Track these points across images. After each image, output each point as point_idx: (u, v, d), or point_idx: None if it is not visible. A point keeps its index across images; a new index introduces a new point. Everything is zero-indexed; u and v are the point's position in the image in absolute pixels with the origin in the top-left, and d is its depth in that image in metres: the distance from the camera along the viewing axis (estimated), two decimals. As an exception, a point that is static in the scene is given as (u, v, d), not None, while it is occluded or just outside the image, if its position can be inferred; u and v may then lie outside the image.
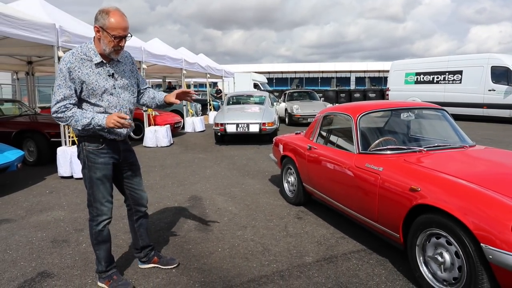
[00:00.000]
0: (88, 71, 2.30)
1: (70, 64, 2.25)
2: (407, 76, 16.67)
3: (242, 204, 4.43)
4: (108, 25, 2.22)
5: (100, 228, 2.49)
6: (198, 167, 6.61)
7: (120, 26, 2.24)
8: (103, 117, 2.27)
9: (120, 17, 2.25)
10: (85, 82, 2.29)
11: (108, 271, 2.58)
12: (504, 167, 2.82)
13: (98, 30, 2.26)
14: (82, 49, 2.33)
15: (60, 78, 2.25)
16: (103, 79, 2.35)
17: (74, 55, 2.28)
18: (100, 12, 2.26)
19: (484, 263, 2.03)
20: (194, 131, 12.05)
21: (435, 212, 2.31)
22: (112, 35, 2.24)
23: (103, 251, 2.54)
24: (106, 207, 2.49)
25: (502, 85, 13.55)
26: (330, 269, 2.80)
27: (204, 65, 14.68)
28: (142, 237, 2.83)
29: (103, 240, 2.52)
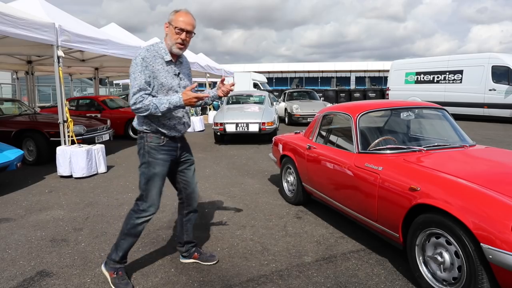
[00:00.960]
0: (159, 67, 2.47)
1: (146, 58, 2.43)
2: (407, 76, 16.65)
3: (242, 203, 4.42)
4: (173, 19, 2.46)
5: (139, 223, 2.55)
6: (197, 166, 6.51)
7: (184, 20, 2.46)
8: (178, 97, 2.40)
9: (185, 13, 2.49)
10: (157, 77, 2.45)
11: (118, 263, 2.61)
12: (504, 166, 2.81)
13: (167, 25, 2.50)
14: (154, 47, 2.51)
15: (136, 70, 2.40)
16: (170, 77, 2.52)
17: (148, 51, 2.47)
18: (170, 13, 2.51)
19: (484, 263, 2.02)
20: (194, 130, 12.04)
21: (434, 211, 2.30)
22: (175, 27, 2.44)
23: (128, 243, 2.59)
24: (155, 205, 2.56)
25: (503, 85, 13.53)
26: (329, 268, 2.79)
27: (203, 64, 14.67)
28: (188, 232, 2.89)
29: (134, 234, 2.58)
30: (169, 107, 2.40)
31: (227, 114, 9.19)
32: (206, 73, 15.30)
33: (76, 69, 12.63)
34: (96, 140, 7.19)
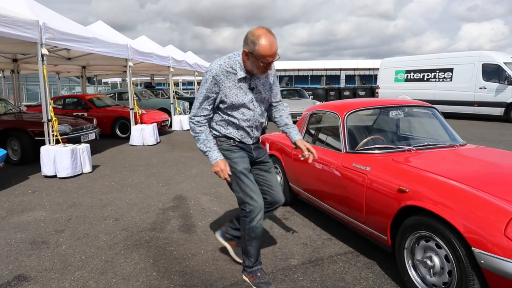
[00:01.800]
0: (230, 84, 2.34)
1: (217, 76, 2.31)
2: (397, 74, 16.66)
3: (227, 204, 4.32)
4: (257, 53, 2.18)
5: (254, 224, 2.42)
6: (184, 166, 6.48)
7: (269, 54, 2.19)
8: (216, 158, 2.37)
9: (269, 44, 2.17)
10: (227, 95, 2.34)
11: (254, 266, 2.54)
12: (495, 167, 2.75)
13: (247, 54, 2.25)
14: (230, 61, 2.34)
15: (204, 86, 2.35)
16: (243, 93, 2.38)
17: (221, 67, 2.32)
18: (249, 36, 2.21)
19: (475, 267, 1.94)
20: (182, 129, 11.90)
21: (424, 214, 2.22)
22: (261, 61, 2.21)
23: (253, 247, 2.49)
24: (256, 200, 2.41)
25: (493, 83, 13.54)
26: (315, 272, 2.71)
27: (192, 62, 14.53)
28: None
29: (256, 237, 2.46)
30: (205, 153, 2.41)
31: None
32: (194, 72, 15.15)
33: (63, 67, 12.40)
34: (82, 140, 7.04)
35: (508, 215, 1.88)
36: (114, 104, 11.20)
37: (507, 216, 1.88)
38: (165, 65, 11.68)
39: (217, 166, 2.37)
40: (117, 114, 10.17)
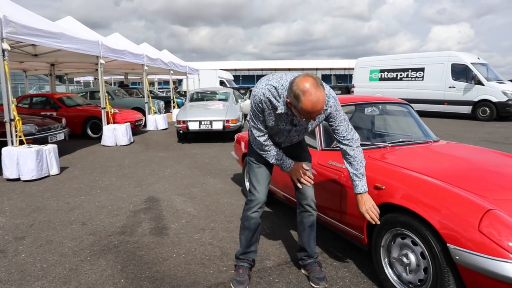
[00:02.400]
0: (271, 112, 2.20)
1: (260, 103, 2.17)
2: (371, 73, 16.90)
3: (202, 204, 4.20)
4: (299, 109, 1.98)
5: (249, 214, 2.43)
6: (158, 166, 6.30)
7: (313, 112, 1.96)
8: (289, 166, 2.38)
9: (314, 103, 1.92)
10: (266, 119, 2.24)
11: (240, 259, 2.54)
12: (468, 162, 2.75)
13: (290, 103, 2.04)
14: (275, 91, 2.14)
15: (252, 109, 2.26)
16: (282, 123, 2.25)
17: (264, 96, 2.15)
18: (294, 87, 1.96)
19: (451, 264, 1.91)
20: (157, 129, 11.64)
21: (400, 211, 2.18)
22: (303, 116, 2.03)
23: (244, 237, 2.50)
24: (258, 191, 2.42)
25: (462, 82, 14.00)
26: (291, 273, 2.63)
27: (167, 61, 14.23)
28: (301, 236, 2.59)
29: (248, 227, 2.46)
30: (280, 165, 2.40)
31: (190, 112, 8.90)
32: (169, 70, 14.88)
33: (29, 64, 11.89)
34: (50, 140, 6.73)
35: (482, 210, 1.86)
36: (85, 103, 10.83)
37: (481, 211, 1.86)
38: (139, 63, 11.39)
39: (294, 172, 2.39)
40: (88, 114, 9.83)
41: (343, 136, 2.22)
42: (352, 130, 2.23)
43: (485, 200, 1.99)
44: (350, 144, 2.21)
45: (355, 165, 2.21)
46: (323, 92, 1.94)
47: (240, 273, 2.49)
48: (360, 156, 2.22)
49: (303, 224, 2.53)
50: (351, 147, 2.22)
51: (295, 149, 2.52)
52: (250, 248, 2.54)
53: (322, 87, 1.95)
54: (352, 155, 2.21)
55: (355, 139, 2.23)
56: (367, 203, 2.22)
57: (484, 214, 1.84)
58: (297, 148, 2.53)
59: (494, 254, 1.73)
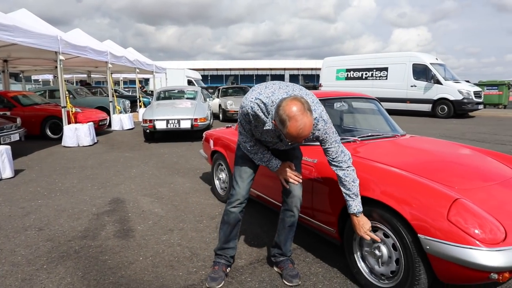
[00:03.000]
0: (258, 124, 2.14)
1: (247, 116, 2.12)
2: (338, 72, 17.20)
3: (170, 205, 4.06)
4: (284, 134, 1.92)
5: (229, 208, 2.42)
6: (123, 166, 6.07)
7: (298, 137, 1.89)
8: (276, 166, 2.30)
9: (299, 130, 1.83)
10: (253, 131, 2.21)
11: (218, 255, 2.51)
12: (434, 154, 2.79)
13: (276, 125, 1.96)
14: (264, 107, 2.04)
15: (240, 118, 2.21)
16: (269, 136, 2.20)
17: (253, 110, 2.07)
18: (281, 111, 1.86)
19: (421, 254, 1.92)
20: (122, 129, 11.29)
21: (371, 203, 2.16)
22: (287, 140, 1.99)
23: (223, 232, 2.48)
24: (240, 187, 2.40)
25: (422, 81, 14.57)
26: (264, 271, 2.57)
27: (132, 59, 13.82)
28: (279, 233, 2.52)
29: (227, 222, 2.44)
30: (263, 163, 2.34)
31: (157, 111, 8.67)
32: (135, 68, 14.47)
33: (-21, 61, 11.17)
34: (2, 141, 6.32)
35: (450, 199, 1.89)
36: (43, 102, 10.31)
37: (449, 201, 1.88)
38: (102, 60, 10.96)
39: (281, 172, 2.30)
40: (47, 113, 9.35)
41: (333, 157, 2.13)
42: (343, 152, 2.13)
43: (452, 190, 2.02)
44: (340, 165, 2.12)
45: (347, 185, 2.11)
46: (310, 118, 1.85)
47: (215, 270, 2.44)
48: (351, 176, 2.11)
49: (283, 223, 2.47)
50: (341, 168, 2.12)
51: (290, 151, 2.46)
52: (229, 244, 2.49)
53: (310, 112, 1.87)
54: (342, 176, 2.11)
55: (345, 160, 2.12)
56: (365, 226, 2.10)
57: (452, 204, 1.86)
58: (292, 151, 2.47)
59: (462, 241, 1.76)
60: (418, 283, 1.94)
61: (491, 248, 1.71)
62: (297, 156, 2.49)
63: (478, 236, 1.74)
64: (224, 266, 2.47)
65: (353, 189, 2.10)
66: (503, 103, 18.31)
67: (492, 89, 18.37)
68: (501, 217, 1.87)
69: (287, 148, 2.41)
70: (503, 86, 18.26)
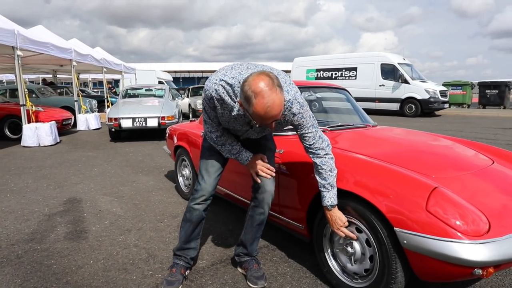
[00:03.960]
0: (224, 112, 1.90)
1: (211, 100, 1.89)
2: (308, 73, 17.23)
3: (130, 203, 3.77)
4: (251, 113, 1.70)
5: (192, 205, 2.18)
6: (85, 166, 5.70)
7: (265, 121, 1.69)
8: (247, 158, 2.10)
9: (265, 110, 1.62)
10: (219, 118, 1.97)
11: (177, 256, 2.27)
12: (407, 144, 2.66)
13: (241, 105, 1.74)
14: (230, 88, 1.81)
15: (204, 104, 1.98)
16: (238, 124, 1.97)
17: (217, 93, 1.83)
18: (246, 87, 1.65)
19: (398, 249, 1.74)
20: (88, 129, 10.79)
21: (343, 196, 1.98)
22: (255, 121, 1.74)
23: (184, 230, 2.24)
24: (205, 181, 2.16)
25: (390, 81, 14.81)
26: (227, 273, 2.34)
27: (99, 58, 13.30)
28: (246, 231, 2.30)
29: (190, 219, 2.20)
30: (236, 157, 2.12)
31: (123, 109, 8.28)
32: (102, 68, 13.93)
33: None
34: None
35: (428, 188, 1.72)
36: (2, 101, 9.73)
37: (427, 190, 1.72)
38: (66, 58, 10.44)
39: (252, 166, 2.09)
40: (5, 112, 8.79)
41: (310, 144, 1.93)
42: (321, 138, 1.94)
43: (429, 179, 1.87)
44: (317, 153, 1.93)
45: (323, 174, 1.91)
46: (279, 95, 1.63)
47: (172, 272, 2.19)
48: (329, 165, 1.92)
49: (252, 220, 2.24)
50: (318, 155, 1.93)
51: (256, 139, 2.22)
52: (190, 244, 2.25)
53: (280, 88, 1.64)
54: (320, 164, 1.92)
55: (324, 147, 1.93)
56: (338, 221, 1.92)
57: (431, 193, 1.69)
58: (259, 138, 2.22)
59: (442, 234, 1.59)
60: (395, 282, 1.77)
61: (475, 241, 1.54)
62: (270, 148, 2.26)
63: (460, 228, 1.58)
64: (183, 268, 2.23)
65: (330, 179, 1.91)
66: (467, 102, 18.86)
67: (457, 89, 18.89)
68: (483, 207, 1.72)
69: (260, 138, 2.19)
70: (467, 86, 18.83)
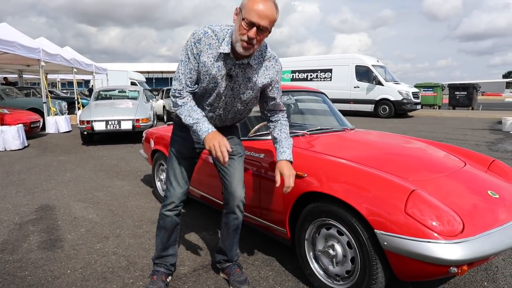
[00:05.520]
0: (207, 59, 1.86)
1: (199, 42, 1.85)
2: (283, 74, 17.33)
3: (106, 210, 3.69)
4: (245, 4, 1.71)
5: (163, 211, 2.16)
6: (56, 171, 5.53)
7: (257, 10, 1.69)
8: (207, 130, 1.87)
9: (263, 2, 1.69)
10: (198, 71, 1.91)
11: (156, 264, 2.24)
12: (387, 147, 2.72)
13: (236, 13, 1.77)
14: (219, 31, 1.85)
15: (183, 54, 1.91)
16: (216, 78, 1.89)
17: (206, 35, 1.84)
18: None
19: (378, 251, 1.79)
20: (58, 131, 10.46)
21: (324, 199, 2.02)
22: (244, 17, 1.71)
23: (160, 238, 2.21)
24: (174, 188, 2.13)
25: (365, 83, 15.14)
26: (209, 278, 2.34)
27: (69, 58, 12.92)
28: (223, 238, 2.28)
29: (163, 226, 2.18)
30: (191, 127, 1.91)
31: (95, 111, 8.09)
32: (73, 68, 13.54)
33: None
34: None
35: (407, 191, 1.78)
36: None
37: (406, 192, 1.78)
38: (34, 57, 10.08)
39: (210, 139, 1.83)
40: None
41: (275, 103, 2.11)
42: (282, 104, 2.15)
43: (407, 181, 1.93)
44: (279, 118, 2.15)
45: (284, 135, 2.12)
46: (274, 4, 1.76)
47: (154, 280, 2.16)
48: (287, 130, 2.15)
49: (227, 227, 2.23)
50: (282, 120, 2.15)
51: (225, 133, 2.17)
52: (168, 251, 2.23)
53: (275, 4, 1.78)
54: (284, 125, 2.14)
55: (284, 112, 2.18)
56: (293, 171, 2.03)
57: (409, 196, 1.75)
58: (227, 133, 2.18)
59: (420, 235, 1.65)
60: (376, 282, 1.82)
61: (450, 241, 1.61)
62: (239, 152, 2.23)
63: (436, 229, 1.64)
64: (164, 275, 2.21)
65: (289, 140, 2.12)
66: (438, 103, 19.53)
67: (428, 90, 19.52)
68: (457, 208, 1.80)
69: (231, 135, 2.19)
70: (438, 88, 19.49)
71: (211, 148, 1.82)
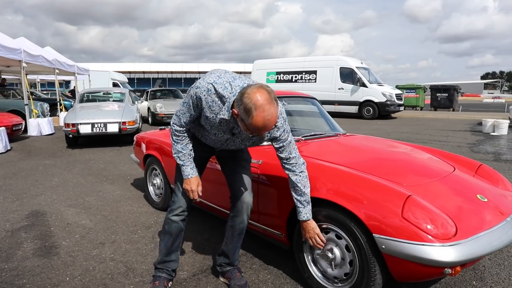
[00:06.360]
0: (210, 115, 1.90)
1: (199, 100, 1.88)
2: (268, 75, 17.47)
3: (99, 215, 3.68)
4: (247, 124, 1.73)
5: (169, 216, 2.22)
6: (43, 175, 5.45)
7: (260, 132, 1.75)
8: (188, 175, 2.09)
9: (266, 121, 1.69)
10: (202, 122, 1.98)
11: (158, 269, 2.27)
12: (380, 152, 2.82)
13: (237, 115, 1.76)
14: (222, 91, 1.84)
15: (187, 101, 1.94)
16: (220, 131, 1.98)
17: (208, 93, 1.85)
18: (245, 99, 1.69)
19: (376, 254, 1.87)
20: (41, 134, 10.27)
21: (322, 204, 2.09)
22: (248, 128, 1.76)
23: (164, 243, 2.26)
24: (182, 195, 2.19)
25: (349, 84, 15.37)
26: (209, 282, 2.38)
27: (51, 58, 12.69)
28: (227, 241, 2.33)
29: (169, 231, 2.23)
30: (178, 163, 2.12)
31: (81, 114, 7.98)
32: (55, 69, 13.31)
33: None
34: None
35: (403, 197, 1.87)
36: None
37: (402, 198, 1.86)
38: (15, 58, 9.86)
39: (188, 183, 2.09)
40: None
41: (287, 158, 2.01)
42: (298, 155, 2.03)
43: (402, 187, 2.02)
44: (293, 169, 2.01)
45: (299, 191, 2.00)
46: (276, 109, 1.73)
47: (155, 285, 2.20)
48: (303, 182, 2.01)
49: (232, 231, 2.28)
50: (294, 172, 2.01)
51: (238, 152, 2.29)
52: (170, 256, 2.26)
53: (276, 102, 1.74)
54: (295, 181, 2.00)
55: (300, 164, 2.02)
56: (311, 231, 2.03)
57: (406, 201, 1.84)
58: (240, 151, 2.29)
59: (416, 239, 1.74)
60: (374, 284, 1.90)
61: (445, 244, 1.71)
62: (246, 159, 2.33)
63: (431, 232, 1.74)
64: (165, 280, 2.24)
65: (305, 196, 2.01)
66: (420, 105, 19.97)
67: (410, 92, 19.93)
68: (450, 212, 1.90)
69: (237, 149, 2.25)
70: (420, 90, 19.92)
71: (186, 189, 2.11)
